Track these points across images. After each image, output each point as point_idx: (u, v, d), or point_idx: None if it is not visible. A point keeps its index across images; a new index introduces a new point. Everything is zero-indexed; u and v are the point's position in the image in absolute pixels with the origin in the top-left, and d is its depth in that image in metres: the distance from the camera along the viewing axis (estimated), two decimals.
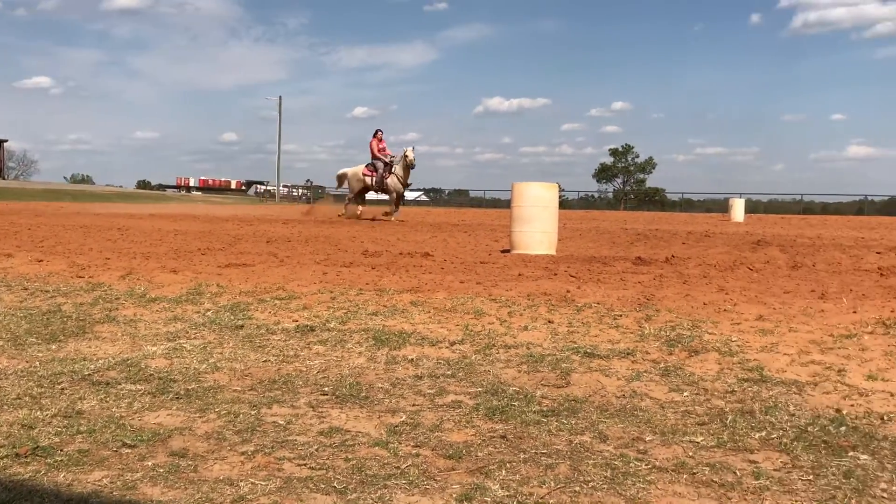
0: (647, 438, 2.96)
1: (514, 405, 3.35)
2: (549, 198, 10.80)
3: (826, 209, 56.30)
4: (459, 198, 72.84)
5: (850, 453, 2.81)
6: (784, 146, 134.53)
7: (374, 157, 20.33)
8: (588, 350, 4.36)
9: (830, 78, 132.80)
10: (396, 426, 3.08)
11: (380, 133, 20.63)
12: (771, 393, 3.55)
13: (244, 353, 4.27)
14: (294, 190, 72.69)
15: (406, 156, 19.64)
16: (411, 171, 19.67)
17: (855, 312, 5.45)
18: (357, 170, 20.70)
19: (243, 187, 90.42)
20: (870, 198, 54.22)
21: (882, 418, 3.19)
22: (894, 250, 11.25)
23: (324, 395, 3.51)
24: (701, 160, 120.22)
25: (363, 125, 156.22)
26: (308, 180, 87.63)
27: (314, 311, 5.47)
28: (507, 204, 12.16)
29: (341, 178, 21.44)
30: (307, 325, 4.98)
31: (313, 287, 6.54)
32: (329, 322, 5.10)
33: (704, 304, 5.83)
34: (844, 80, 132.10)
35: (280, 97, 69.54)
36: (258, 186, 72.76)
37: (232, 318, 5.25)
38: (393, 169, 19.76)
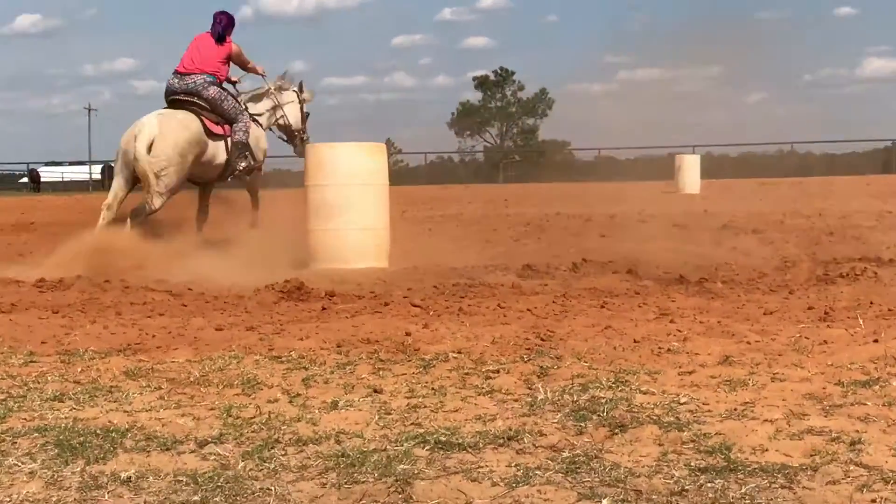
0: None
1: None
2: (372, 169, 10.91)
3: (833, 165, 59.83)
4: None
5: None
6: (762, 64, 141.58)
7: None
8: (443, 437, 4.39)
9: None
10: None
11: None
12: (744, 490, 3.69)
13: None
14: None
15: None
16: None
17: (877, 341, 5.80)
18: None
19: None
20: None
21: None
22: None
23: None
24: (627, 92, 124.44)
25: (37, 48, 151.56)
26: None
27: None
28: (300, 181, 12.05)
29: None
30: None
31: None
32: None
33: (636, 341, 6.03)
34: None
35: None
36: None
37: None
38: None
